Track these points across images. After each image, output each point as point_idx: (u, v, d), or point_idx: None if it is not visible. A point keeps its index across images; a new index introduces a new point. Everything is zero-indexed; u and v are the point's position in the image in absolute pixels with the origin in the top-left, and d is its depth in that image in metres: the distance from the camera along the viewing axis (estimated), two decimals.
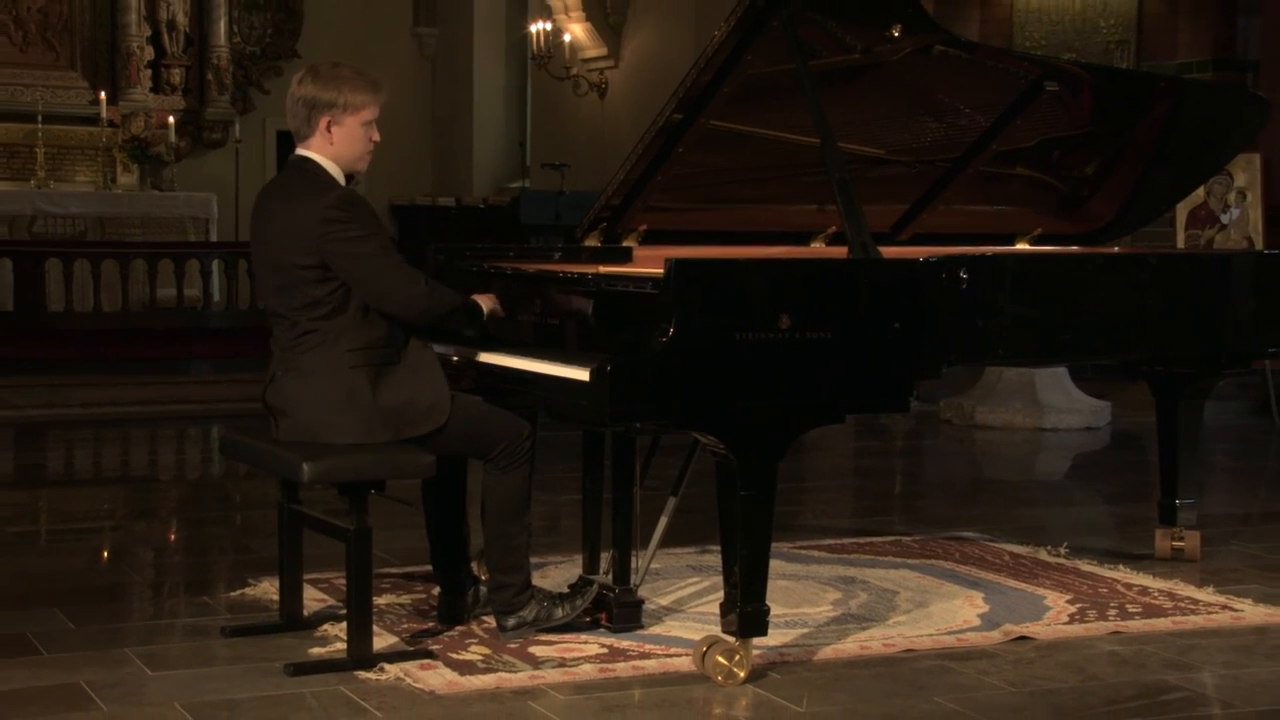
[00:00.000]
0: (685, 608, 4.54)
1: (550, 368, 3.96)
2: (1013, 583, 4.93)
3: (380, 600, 4.47)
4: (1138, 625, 4.44)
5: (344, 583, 4.08)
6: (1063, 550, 5.39)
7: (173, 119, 13.47)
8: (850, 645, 4.18)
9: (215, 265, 11.71)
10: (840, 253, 4.32)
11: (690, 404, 3.75)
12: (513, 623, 4.15)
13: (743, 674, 3.84)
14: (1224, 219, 9.12)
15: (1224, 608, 4.64)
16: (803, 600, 4.65)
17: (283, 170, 4.20)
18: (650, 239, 4.83)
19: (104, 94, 13.13)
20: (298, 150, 4.08)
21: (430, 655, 4.00)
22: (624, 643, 4.15)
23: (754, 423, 3.80)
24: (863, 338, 3.95)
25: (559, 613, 4.19)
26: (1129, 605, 4.65)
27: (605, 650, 4.08)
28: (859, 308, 3.97)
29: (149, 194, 13.28)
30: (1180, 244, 9.15)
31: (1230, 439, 8.42)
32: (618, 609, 4.27)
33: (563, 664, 3.95)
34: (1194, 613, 4.58)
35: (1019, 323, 4.43)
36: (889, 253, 4.27)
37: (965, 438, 8.59)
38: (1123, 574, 5.06)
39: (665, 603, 4.58)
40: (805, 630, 4.32)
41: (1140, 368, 5.27)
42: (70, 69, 13.47)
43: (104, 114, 13.01)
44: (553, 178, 12.41)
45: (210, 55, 13.90)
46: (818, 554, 5.31)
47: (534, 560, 4.34)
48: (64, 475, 7.49)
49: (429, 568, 4.48)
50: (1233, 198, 9.09)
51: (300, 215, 3.94)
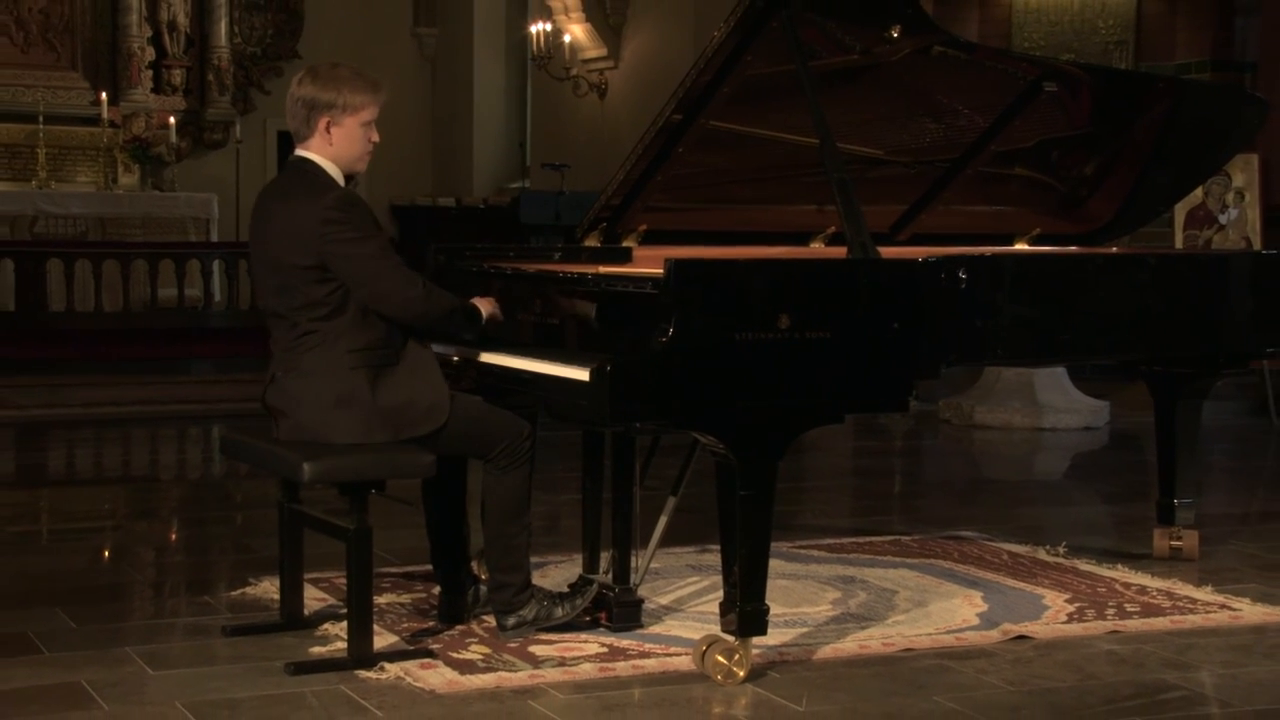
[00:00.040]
0: (685, 607, 4.54)
1: (550, 368, 3.96)
2: (1011, 582, 4.93)
3: (380, 599, 4.47)
4: (1136, 624, 4.44)
5: (344, 582, 4.09)
6: (1061, 550, 5.39)
7: (173, 119, 13.47)
8: (849, 644, 4.18)
9: (216, 265, 11.73)
10: (839, 253, 4.32)
11: (690, 404, 3.75)
12: (513, 622, 4.15)
13: (742, 673, 3.84)
14: (1222, 219, 9.12)
15: (1222, 607, 4.64)
16: (802, 599, 4.66)
17: (282, 171, 4.21)
18: (650, 239, 4.82)
19: (105, 94, 13.12)
20: (297, 151, 4.08)
21: (430, 654, 4.00)
22: (624, 642, 4.15)
23: (753, 423, 3.79)
24: (862, 338, 3.95)
25: (559, 612, 4.19)
26: (1127, 604, 4.65)
27: (605, 649, 4.08)
28: (858, 308, 3.97)
29: (150, 194, 13.28)
30: (1178, 244, 9.15)
31: (1228, 439, 8.42)
32: (617, 608, 4.27)
33: (563, 663, 3.95)
34: (1192, 612, 4.58)
35: (1018, 323, 4.43)
36: (888, 253, 4.27)
37: (964, 437, 8.58)
38: (1121, 573, 5.06)
39: (665, 602, 4.59)
40: (804, 629, 4.32)
41: (1139, 368, 5.27)
42: (71, 69, 13.47)
43: (105, 114, 13.00)
44: (553, 178, 12.41)
45: (211, 56, 13.90)
46: (817, 553, 5.31)
47: (534, 560, 4.34)
48: (65, 475, 7.50)
49: (429, 567, 4.48)
50: (1231, 198, 9.09)
51: (299, 216, 3.95)
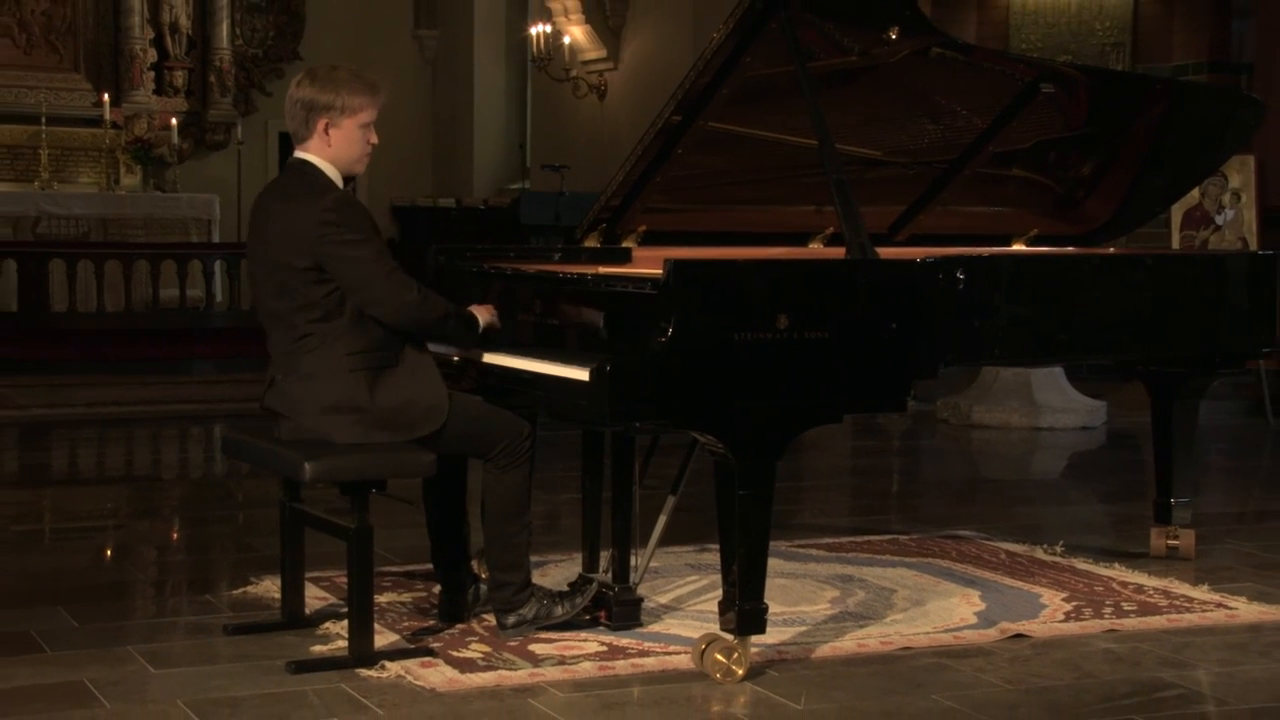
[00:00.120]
0: (684, 606, 4.55)
1: (550, 367, 3.96)
2: (1009, 581, 4.94)
3: (381, 598, 4.48)
4: (1133, 623, 4.45)
5: (345, 581, 4.09)
6: (1059, 549, 5.40)
7: (175, 121, 13.46)
8: (848, 643, 4.19)
9: (218, 266, 11.75)
10: (838, 253, 4.33)
11: (689, 403, 3.75)
12: (513, 620, 4.16)
13: (741, 671, 3.85)
14: (1218, 220, 9.12)
15: (1219, 606, 4.65)
16: (801, 598, 4.66)
17: (281, 172, 4.21)
18: (649, 240, 4.83)
19: (107, 96, 13.12)
20: (296, 153, 4.08)
21: (431, 653, 4.01)
22: (623, 640, 4.16)
23: (752, 422, 3.80)
24: (860, 338, 3.96)
25: (559, 611, 4.19)
26: (1124, 603, 4.66)
27: (605, 648, 4.09)
28: (857, 308, 3.97)
29: (152, 195, 13.27)
30: (1175, 245, 9.15)
31: (1225, 438, 8.42)
32: (617, 607, 4.28)
33: (562, 662, 3.96)
34: (1189, 611, 4.58)
35: (1015, 323, 4.44)
36: (886, 253, 4.27)
37: (962, 437, 8.58)
38: (1118, 572, 5.07)
39: (664, 601, 4.59)
40: (803, 628, 4.32)
41: (1136, 368, 5.27)
42: (74, 71, 13.46)
43: (107, 116, 13.00)
44: (552, 179, 12.41)
45: (213, 57, 13.89)
46: (816, 552, 5.32)
47: (534, 558, 4.35)
48: (67, 474, 7.51)
49: (429, 566, 4.48)
50: (1227, 199, 9.09)
51: (298, 217, 3.95)
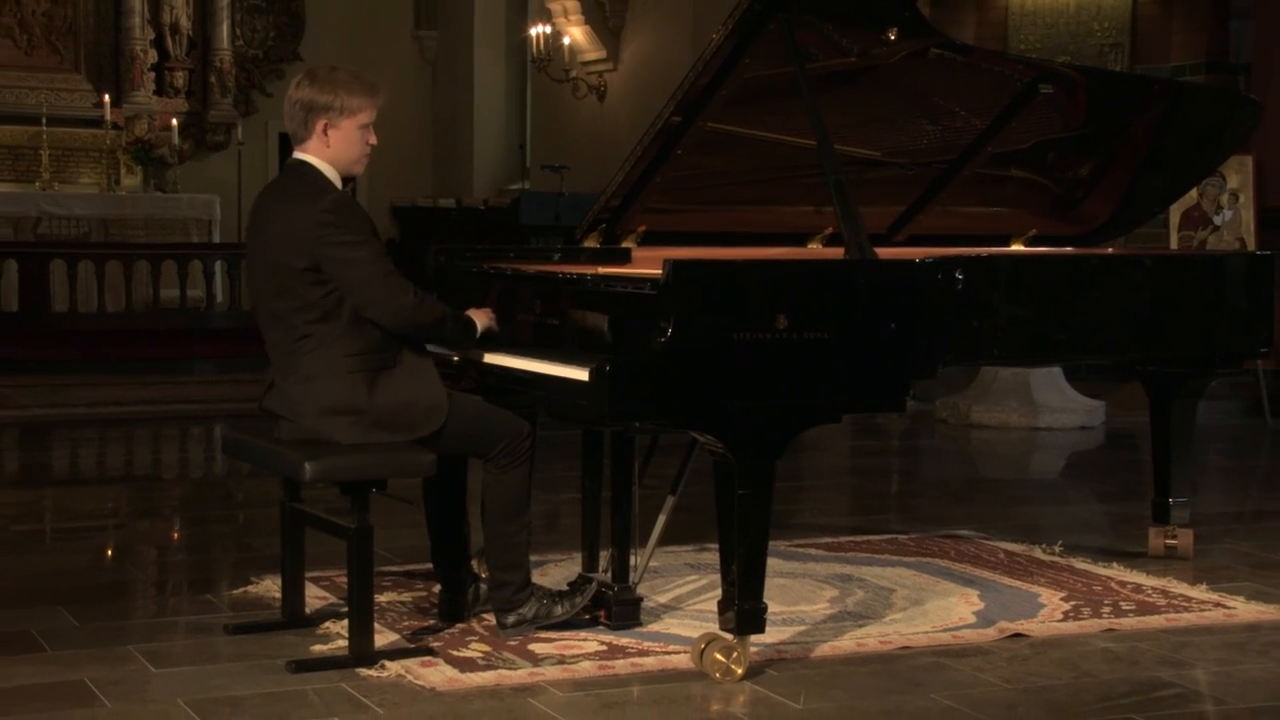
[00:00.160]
0: (683, 605, 4.56)
1: (550, 367, 3.97)
2: (1008, 580, 4.94)
3: (381, 598, 4.48)
4: (1131, 623, 4.45)
5: (345, 580, 4.09)
6: (1057, 548, 5.40)
7: (176, 121, 13.47)
8: (847, 642, 4.20)
9: (218, 266, 11.77)
10: (837, 254, 4.33)
11: (688, 403, 3.76)
12: (512, 620, 4.16)
13: (740, 671, 3.85)
14: (1217, 220, 9.12)
15: (1217, 605, 4.65)
16: (800, 598, 4.67)
17: (281, 173, 4.21)
18: (649, 240, 4.83)
19: (108, 97, 13.12)
20: (295, 153, 4.08)
21: (431, 652, 4.02)
22: (623, 640, 4.16)
23: (752, 422, 3.80)
24: (859, 338, 3.96)
25: (558, 610, 4.20)
26: (1123, 603, 4.67)
27: (604, 647, 4.09)
28: (856, 308, 3.98)
29: (152, 196, 13.28)
30: (1173, 245, 9.14)
31: (1223, 438, 8.42)
32: (617, 606, 4.29)
33: (562, 661, 3.96)
34: (1187, 610, 4.59)
35: (1014, 323, 4.45)
36: (885, 254, 4.27)
37: (961, 437, 8.59)
38: (1117, 572, 5.08)
39: (664, 600, 4.60)
40: (802, 628, 4.33)
41: (1134, 368, 5.28)
42: (74, 72, 13.47)
43: (108, 116, 13.00)
44: (552, 179, 12.42)
45: (213, 58, 13.89)
46: (815, 552, 5.33)
47: (534, 558, 4.35)
48: (68, 474, 7.52)
49: (430, 566, 4.49)
50: (1225, 199, 9.10)
51: (296, 217, 3.95)
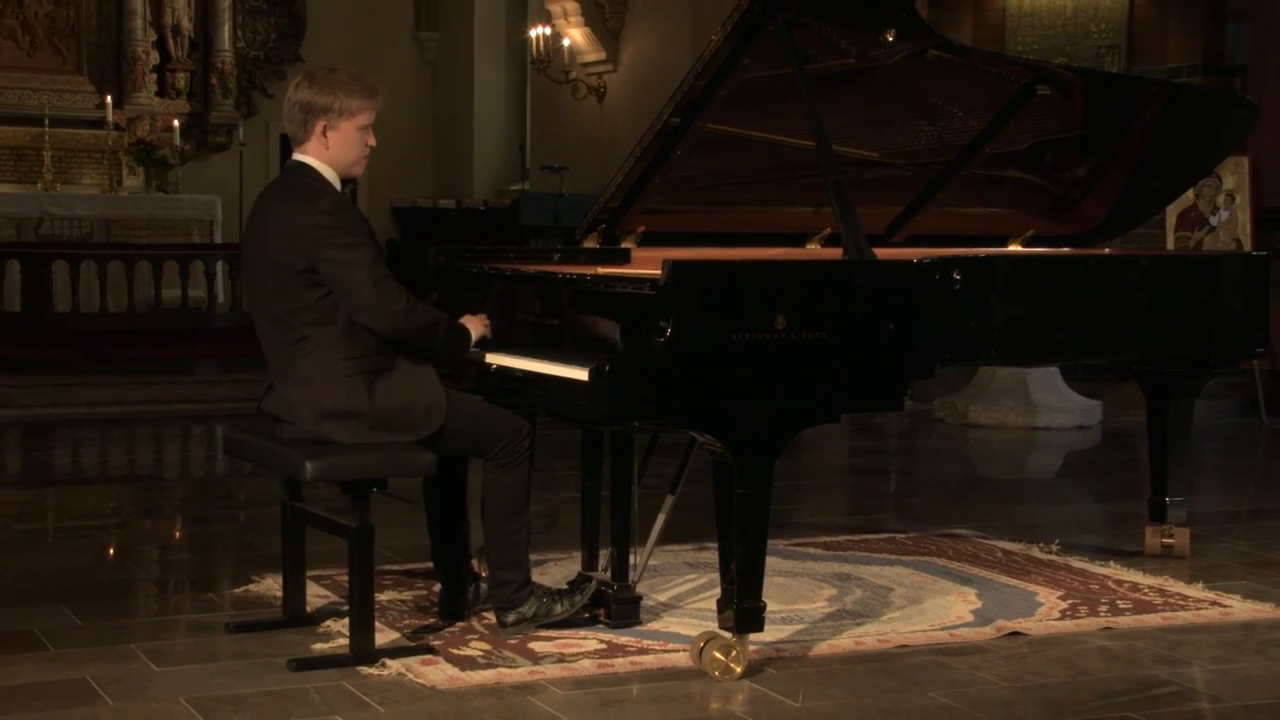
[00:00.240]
0: (683, 604, 4.57)
1: (549, 367, 3.98)
2: (1005, 579, 4.96)
3: (382, 597, 4.49)
4: (1128, 621, 4.46)
5: (346, 579, 4.10)
6: (1054, 547, 5.41)
7: (177, 122, 13.47)
8: (845, 641, 4.21)
9: (220, 267, 11.77)
10: (835, 254, 4.34)
11: (688, 403, 3.77)
12: (512, 619, 4.17)
13: (739, 669, 3.86)
14: (1213, 221, 9.13)
15: (1213, 604, 4.67)
16: (798, 596, 4.68)
17: (280, 174, 4.21)
18: (648, 241, 4.84)
19: (110, 98, 13.12)
20: (294, 155, 4.08)
21: (431, 651, 4.03)
22: (622, 638, 4.17)
23: (751, 422, 3.81)
24: (858, 338, 3.97)
25: (558, 609, 4.20)
26: (1119, 601, 4.68)
27: (604, 646, 4.10)
28: (854, 308, 3.99)
29: (154, 196, 13.28)
30: (1170, 246, 9.15)
31: (1219, 438, 8.43)
32: (616, 605, 4.30)
33: (562, 659, 3.97)
34: (1183, 609, 4.60)
35: (1011, 323, 4.46)
36: (883, 254, 4.28)
37: (958, 436, 8.59)
38: (1113, 570, 5.09)
39: (663, 599, 4.61)
40: (801, 626, 4.34)
41: (1131, 367, 5.29)
42: (77, 73, 13.47)
43: (110, 117, 13.00)
44: (552, 180, 12.43)
45: (214, 59, 13.89)
46: (813, 551, 5.34)
47: (533, 557, 4.36)
48: (70, 474, 7.53)
49: (430, 564, 4.50)
50: (1221, 200, 9.10)
51: (295, 218, 3.95)
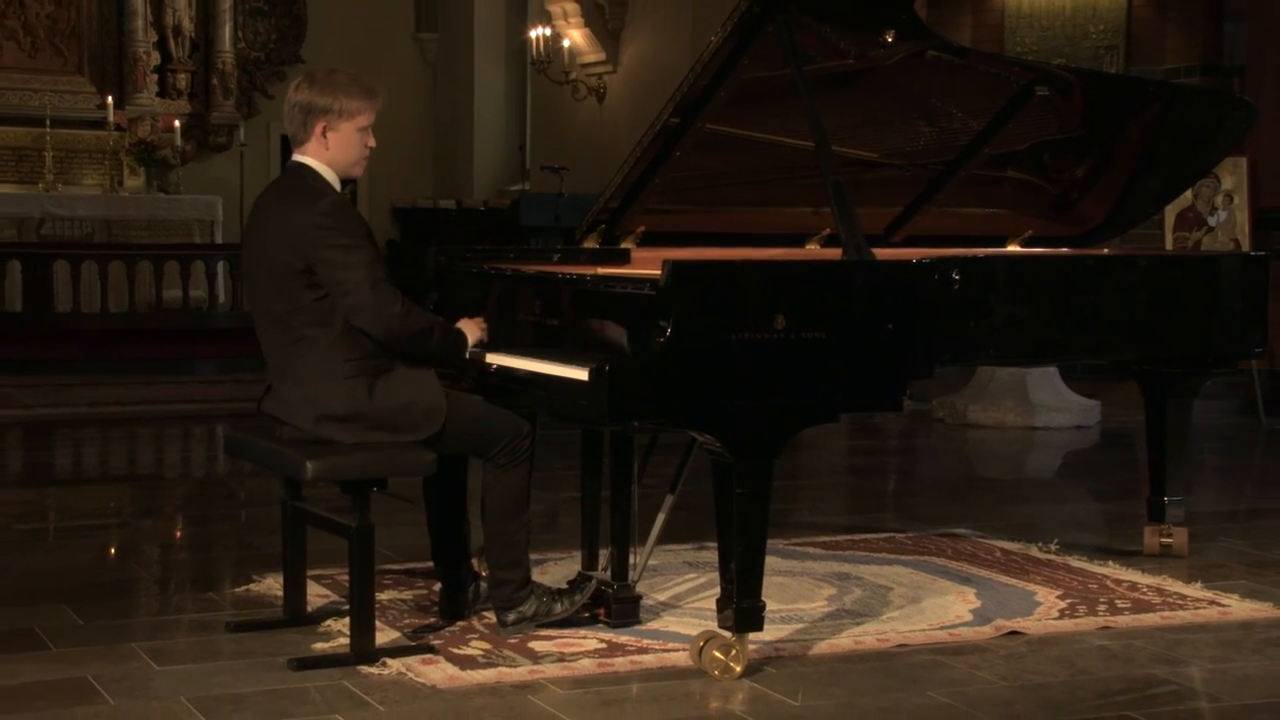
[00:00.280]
0: (682, 603, 4.58)
1: (549, 367, 3.98)
2: (1004, 579, 4.96)
3: (382, 596, 4.50)
4: (1127, 620, 4.47)
5: (347, 579, 4.10)
6: (1053, 547, 5.42)
7: (178, 123, 13.48)
8: (845, 640, 4.21)
9: (220, 267, 11.79)
10: (835, 254, 4.35)
11: (687, 403, 3.77)
12: (512, 618, 4.18)
13: (739, 668, 3.87)
14: (1211, 221, 9.14)
15: (1211, 603, 4.67)
16: (798, 596, 4.69)
17: (280, 175, 4.22)
18: (648, 241, 4.85)
19: (111, 98, 13.13)
20: (294, 156, 4.09)
21: (431, 650, 4.04)
22: (622, 638, 4.18)
23: (750, 422, 3.82)
24: (857, 338, 3.98)
25: (558, 608, 4.21)
26: (1118, 601, 4.69)
27: (604, 645, 4.11)
28: (853, 308, 4.00)
29: (155, 197, 13.29)
30: (1168, 246, 9.16)
31: (1218, 438, 8.43)
32: (616, 604, 4.30)
33: (562, 659, 3.98)
34: (1182, 608, 4.61)
35: (1010, 323, 4.46)
36: (883, 254, 4.29)
37: (957, 436, 8.60)
38: (1112, 570, 5.10)
39: (663, 598, 4.62)
40: (800, 625, 4.35)
41: (1129, 367, 5.29)
42: (78, 74, 13.48)
43: (111, 118, 13.02)
44: (552, 180, 12.44)
45: (215, 60, 13.90)
46: (813, 551, 5.34)
47: (533, 556, 4.37)
48: (71, 473, 7.54)
49: (430, 564, 4.51)
50: (1220, 200, 9.11)
51: (294, 219, 3.96)
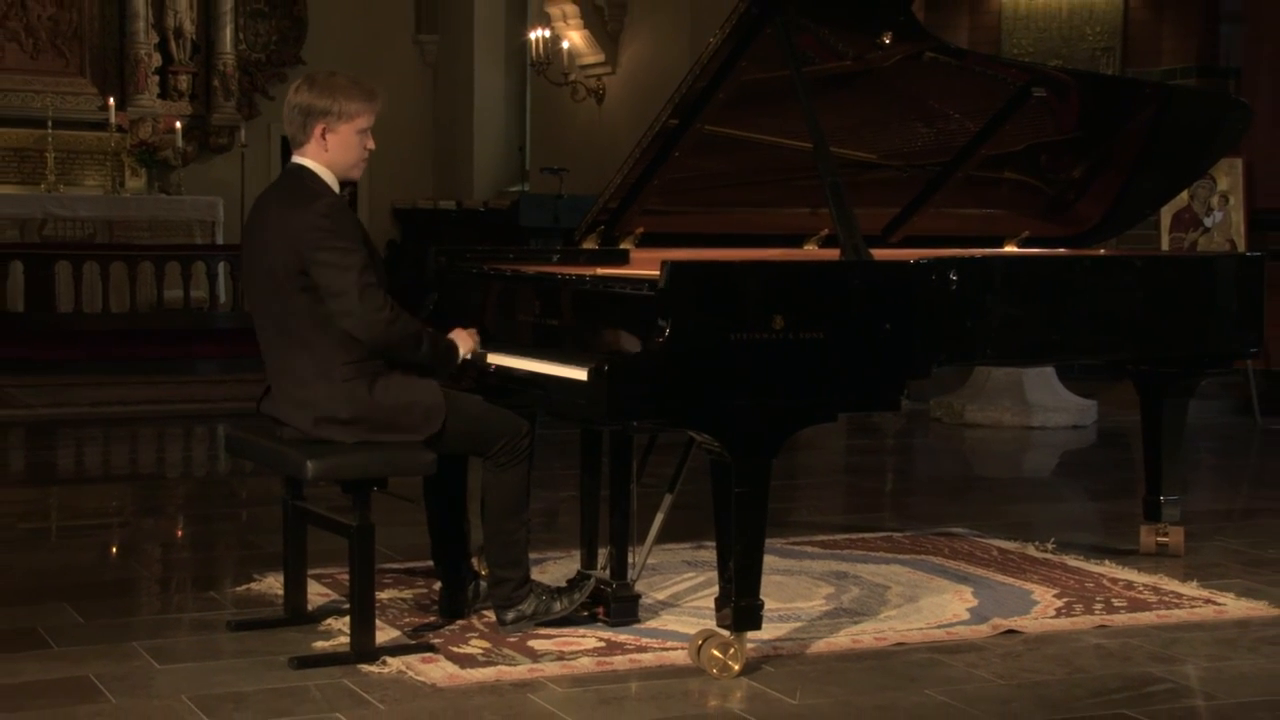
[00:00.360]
0: (681, 602, 4.59)
1: (549, 367, 3.99)
2: (1001, 578, 4.97)
3: (382, 595, 4.51)
4: (1123, 619, 4.48)
5: (347, 578, 4.11)
6: (1050, 546, 5.44)
7: (180, 124, 13.49)
8: (842, 639, 4.22)
9: (221, 267, 11.81)
10: (833, 255, 4.37)
11: (686, 403, 3.78)
12: (512, 616, 4.19)
13: (737, 667, 3.88)
14: (1207, 222, 9.15)
15: (1207, 602, 4.68)
16: (796, 595, 4.70)
17: (279, 177, 4.23)
18: (647, 241, 4.86)
19: (113, 100, 13.14)
20: (294, 158, 4.10)
21: (431, 649, 4.05)
22: (621, 636, 4.19)
23: (748, 421, 3.83)
24: (855, 338, 3.99)
25: (557, 607, 4.22)
26: (1114, 599, 4.70)
27: (603, 644, 4.12)
28: (851, 309, 4.01)
29: (156, 198, 13.30)
30: (1164, 246, 9.17)
31: (1213, 437, 8.43)
32: (615, 603, 4.31)
33: (561, 657, 3.99)
34: (1178, 607, 4.62)
35: (1007, 323, 4.47)
36: (880, 255, 4.30)
37: (955, 436, 8.60)
38: (1108, 569, 5.11)
39: (661, 597, 4.63)
40: (798, 624, 4.36)
41: (1126, 367, 5.30)
42: (80, 76, 13.49)
43: (113, 119, 13.03)
44: (551, 182, 12.46)
45: (216, 62, 13.91)
46: (810, 550, 5.35)
47: (533, 555, 4.38)
48: (73, 473, 7.54)
49: (430, 563, 4.52)
50: (1216, 201, 9.12)
51: (292, 221, 3.97)
